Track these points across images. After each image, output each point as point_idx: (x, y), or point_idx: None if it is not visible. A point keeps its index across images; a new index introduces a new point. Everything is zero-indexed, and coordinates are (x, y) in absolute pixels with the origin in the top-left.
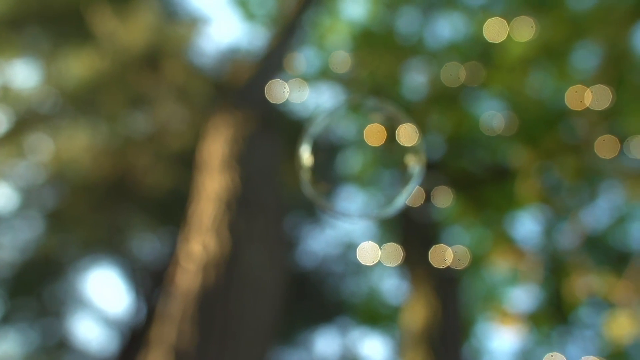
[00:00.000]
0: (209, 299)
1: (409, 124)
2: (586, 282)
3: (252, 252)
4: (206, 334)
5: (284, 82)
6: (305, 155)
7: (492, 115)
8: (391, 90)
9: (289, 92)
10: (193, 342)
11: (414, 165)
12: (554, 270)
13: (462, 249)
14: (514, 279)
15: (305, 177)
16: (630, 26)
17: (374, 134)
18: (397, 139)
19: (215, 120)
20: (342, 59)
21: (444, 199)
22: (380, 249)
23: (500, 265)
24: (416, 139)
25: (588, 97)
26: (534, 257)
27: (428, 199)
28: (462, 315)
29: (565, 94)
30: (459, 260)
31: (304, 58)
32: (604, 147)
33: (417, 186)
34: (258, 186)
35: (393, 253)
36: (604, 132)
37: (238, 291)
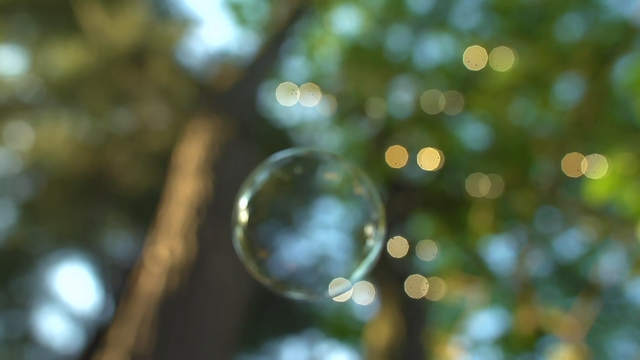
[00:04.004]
0: (171, 304)
1: (370, 186)
2: (535, 314)
3: (218, 260)
4: (164, 339)
5: (295, 87)
6: (243, 209)
7: (473, 138)
8: (376, 106)
9: (298, 96)
10: (150, 347)
11: (372, 237)
12: (518, 297)
13: (438, 280)
14: (478, 304)
15: (239, 235)
16: (612, 62)
17: (330, 195)
18: (354, 202)
19: (194, 123)
20: (330, 71)
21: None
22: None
23: (461, 291)
24: (378, 207)
25: (584, 165)
26: (504, 282)
27: (402, 220)
28: (426, 337)
29: (562, 160)
30: (436, 290)
31: (292, 67)
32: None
33: (374, 261)
34: (230, 194)
35: (366, 292)
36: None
37: (200, 298)
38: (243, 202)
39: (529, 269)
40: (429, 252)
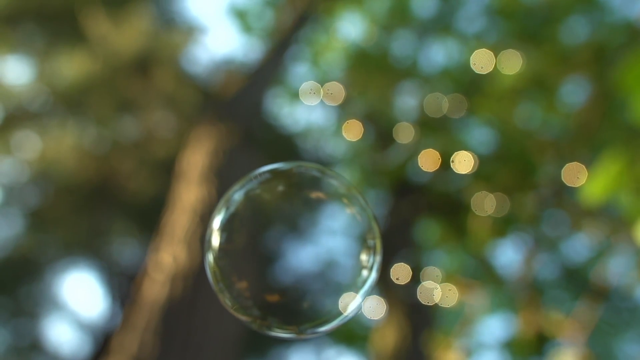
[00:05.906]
0: (174, 311)
1: (365, 205)
2: (539, 317)
3: None
4: (168, 346)
5: (313, 87)
6: (215, 229)
7: (479, 142)
8: (382, 111)
9: (318, 96)
10: (154, 353)
11: (367, 266)
12: (523, 301)
13: (448, 286)
14: (484, 309)
15: (210, 262)
16: (617, 64)
17: (319, 214)
18: (349, 225)
19: (198, 130)
20: (335, 77)
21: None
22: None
23: (466, 296)
24: (374, 230)
25: (584, 175)
26: (510, 286)
27: (409, 222)
28: (431, 342)
29: (563, 170)
30: (446, 296)
31: (297, 74)
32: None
33: (367, 299)
34: None
35: (376, 307)
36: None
37: (204, 305)
38: (216, 223)
39: (535, 272)
40: (434, 275)
